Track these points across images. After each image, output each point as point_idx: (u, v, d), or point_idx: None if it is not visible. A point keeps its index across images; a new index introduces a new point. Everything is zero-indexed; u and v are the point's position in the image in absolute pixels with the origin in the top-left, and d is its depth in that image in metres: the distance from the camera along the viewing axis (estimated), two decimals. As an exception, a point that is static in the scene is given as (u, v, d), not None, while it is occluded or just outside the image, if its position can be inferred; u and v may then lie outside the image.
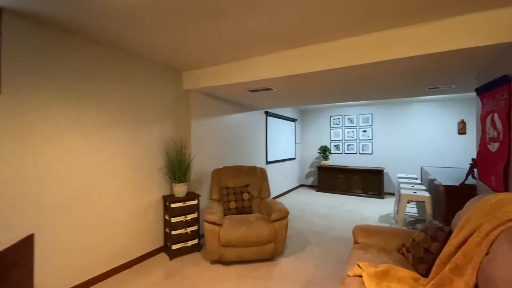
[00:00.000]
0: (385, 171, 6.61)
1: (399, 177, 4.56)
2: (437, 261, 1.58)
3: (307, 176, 7.68)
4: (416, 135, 6.27)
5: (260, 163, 5.35)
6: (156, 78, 3.07)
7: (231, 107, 4.36)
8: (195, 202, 3.14)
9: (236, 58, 2.92)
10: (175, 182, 3.08)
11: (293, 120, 7.01)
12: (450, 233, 1.73)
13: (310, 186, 7.60)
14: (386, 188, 6.57)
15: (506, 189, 1.94)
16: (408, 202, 3.50)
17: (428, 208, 2.91)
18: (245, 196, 3.33)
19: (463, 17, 1.96)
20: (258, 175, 3.61)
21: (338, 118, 7.19)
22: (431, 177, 3.93)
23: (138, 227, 2.87)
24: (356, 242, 2.30)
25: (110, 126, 2.59)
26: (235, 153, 4.50)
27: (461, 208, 2.72)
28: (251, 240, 2.73)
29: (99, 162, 2.49)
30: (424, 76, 2.75)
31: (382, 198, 6.15)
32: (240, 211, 3.26)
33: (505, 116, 1.95)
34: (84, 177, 2.38)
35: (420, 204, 3.57)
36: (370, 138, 6.79)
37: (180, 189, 3.07)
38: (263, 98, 4.02)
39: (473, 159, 2.75)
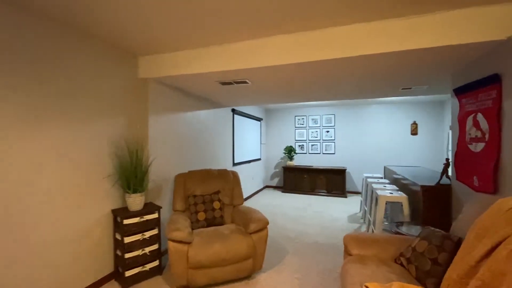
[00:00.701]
0: (346, 170, 6.79)
1: (367, 177, 4.62)
2: (453, 276, 1.41)
3: (272, 177, 7.48)
4: (374, 135, 6.56)
5: (227, 165, 4.91)
6: (105, 62, 2.42)
7: (196, 102, 3.83)
8: (155, 215, 2.57)
9: (206, 43, 2.46)
10: (129, 192, 2.47)
11: (259, 119, 6.73)
12: (459, 242, 1.59)
13: (276, 187, 7.42)
14: (348, 187, 6.75)
15: (495, 190, 1.91)
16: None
17: (406, 209, 2.89)
18: (216, 204, 2.88)
19: (452, 13, 1.87)
20: (229, 180, 3.19)
21: (303, 118, 7.15)
22: (397, 176, 4.02)
23: (79, 252, 2.20)
24: (349, 254, 2.06)
25: (40, 120, 1.90)
26: (201, 154, 3.99)
27: (438, 208, 2.74)
28: (227, 258, 2.31)
29: (22, 168, 1.79)
30: (401, 74, 2.69)
31: (345, 197, 6.27)
32: (210, 222, 2.79)
33: (494, 116, 1.92)
34: (-10, 193, 1.66)
35: (390, 204, 3.59)
36: (333, 138, 6.90)
37: (135, 201, 2.48)
38: (234, 93, 3.61)
39: (447, 159, 2.79)
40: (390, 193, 3.09)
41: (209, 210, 2.82)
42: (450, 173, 2.78)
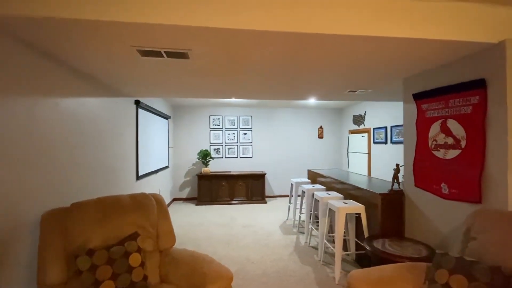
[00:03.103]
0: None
1: (299, 183, 4.37)
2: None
3: (182, 187, 6.25)
4: (288, 138, 6.63)
5: (129, 181, 3.45)
6: None
7: (81, 82, 2.32)
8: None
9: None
10: None
11: (167, 117, 5.39)
12: (510, 277, 1.29)
13: (187, 199, 6.24)
14: (266, 192, 6.51)
15: (480, 198, 1.83)
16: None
17: (364, 220, 2.68)
18: (134, 259, 1.67)
19: (439, 4, 1.65)
20: (152, 210, 2.00)
21: (219, 119, 6.35)
22: (326, 180, 3.95)
23: None
24: (363, 307, 1.49)
25: None
26: (90, 171, 2.48)
27: (395, 216, 2.64)
28: None
29: None
30: (359, 72, 2.41)
31: (265, 202, 5.96)
32: (125, 295, 1.57)
33: (477, 122, 1.85)
34: None
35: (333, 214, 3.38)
36: (250, 141, 6.48)
37: None
38: (156, 73, 2.40)
39: (397, 165, 2.77)
40: (345, 203, 2.82)
41: (123, 273, 1.58)
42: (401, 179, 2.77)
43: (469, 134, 1.93)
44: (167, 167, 5.45)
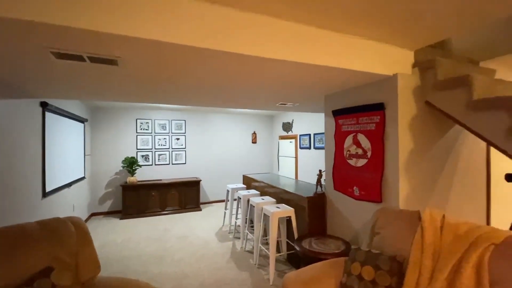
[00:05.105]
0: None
1: (235, 189, 4.45)
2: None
3: (102, 200, 5.50)
4: (223, 143, 6.68)
5: (33, 200, 2.84)
6: None
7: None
8: None
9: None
10: None
11: (82, 120, 4.66)
12: (402, 263, 1.65)
13: (109, 213, 5.51)
14: (200, 198, 6.36)
15: (381, 198, 2.27)
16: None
17: (294, 222, 2.94)
18: (48, 299, 1.41)
19: (353, 40, 2.00)
20: (69, 236, 1.72)
21: (147, 123, 5.87)
22: (260, 184, 4.17)
23: None
24: (296, 306, 1.65)
25: None
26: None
27: (318, 216, 2.99)
28: None
29: None
30: (288, 90, 2.70)
31: (200, 210, 5.83)
32: None
33: (378, 137, 2.30)
34: None
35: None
36: (184, 147, 6.23)
37: None
38: (70, 75, 2.06)
39: (320, 170, 3.15)
40: (277, 207, 3.04)
41: (31, 319, 1.31)
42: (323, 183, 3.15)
43: (373, 146, 2.38)
44: (83, 178, 4.71)
